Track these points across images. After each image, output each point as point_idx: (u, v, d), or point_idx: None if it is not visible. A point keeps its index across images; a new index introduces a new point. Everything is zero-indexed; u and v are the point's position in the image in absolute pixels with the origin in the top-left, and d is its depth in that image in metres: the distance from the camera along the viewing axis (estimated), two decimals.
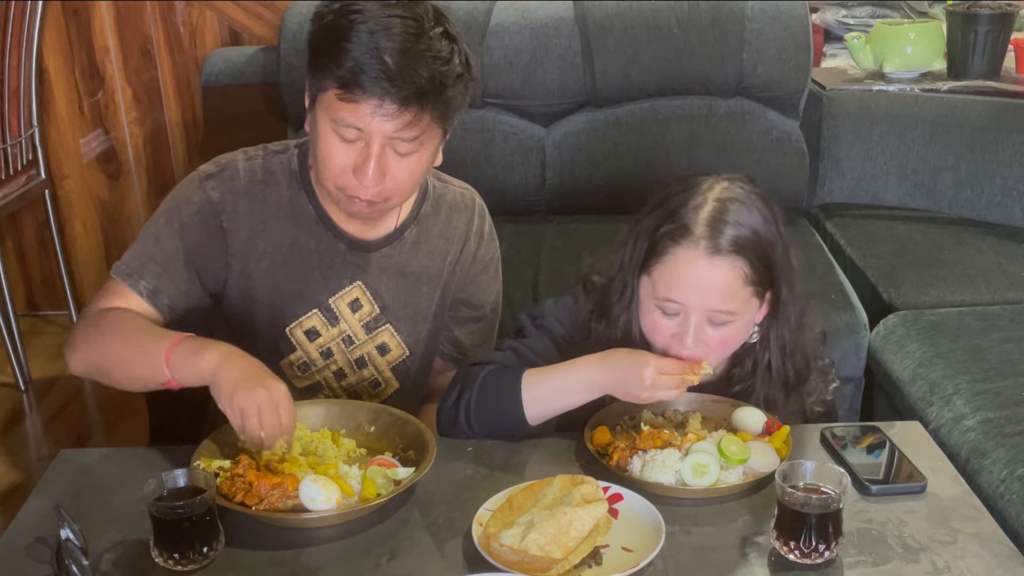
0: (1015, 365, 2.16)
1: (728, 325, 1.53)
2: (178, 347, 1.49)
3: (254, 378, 1.44)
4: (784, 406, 1.64)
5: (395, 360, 1.78)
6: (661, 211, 1.56)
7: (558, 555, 1.28)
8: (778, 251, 1.55)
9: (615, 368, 1.52)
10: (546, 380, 1.55)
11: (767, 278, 1.55)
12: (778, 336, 1.61)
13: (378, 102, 1.48)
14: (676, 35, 2.95)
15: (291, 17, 3.01)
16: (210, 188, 1.65)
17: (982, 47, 3.13)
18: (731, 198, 1.53)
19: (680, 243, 1.51)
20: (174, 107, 3.57)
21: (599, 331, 1.64)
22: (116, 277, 1.65)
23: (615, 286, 1.61)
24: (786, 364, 1.62)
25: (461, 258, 1.79)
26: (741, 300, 1.53)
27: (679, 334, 1.53)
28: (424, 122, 1.51)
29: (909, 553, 1.33)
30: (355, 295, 1.72)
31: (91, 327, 1.61)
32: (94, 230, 3.71)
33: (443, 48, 1.50)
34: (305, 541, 1.36)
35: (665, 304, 1.53)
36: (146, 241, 1.66)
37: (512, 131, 3.03)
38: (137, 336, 1.57)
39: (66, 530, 1.28)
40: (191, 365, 1.48)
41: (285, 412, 1.43)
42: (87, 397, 3.32)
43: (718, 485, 1.44)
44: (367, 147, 1.52)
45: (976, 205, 2.94)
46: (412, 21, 1.48)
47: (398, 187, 1.57)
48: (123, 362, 1.56)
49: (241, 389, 1.42)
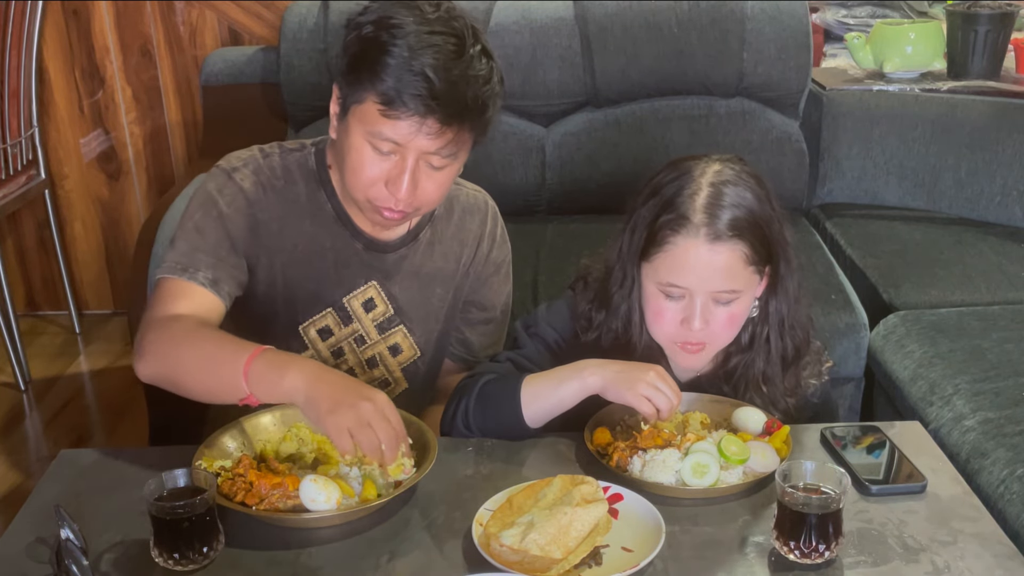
0: (1015, 365, 2.16)
1: (733, 303, 1.56)
2: (256, 361, 1.43)
3: (354, 391, 1.39)
4: (781, 382, 1.65)
5: (406, 361, 1.78)
6: (656, 200, 1.57)
7: (558, 555, 1.28)
8: (774, 227, 1.57)
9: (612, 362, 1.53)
10: (541, 379, 1.56)
11: (766, 255, 1.57)
12: (777, 310, 1.63)
13: (421, 120, 1.48)
14: (676, 35, 2.95)
15: (291, 17, 3.01)
16: (240, 179, 1.63)
17: (982, 47, 3.13)
18: (724, 181, 1.54)
19: (679, 232, 1.53)
20: (174, 107, 3.57)
21: (599, 320, 1.65)
22: (172, 276, 1.58)
23: (615, 275, 1.62)
24: (784, 338, 1.64)
25: (474, 260, 1.79)
26: (744, 279, 1.55)
27: (687, 318, 1.55)
28: (463, 139, 1.53)
29: (909, 553, 1.33)
30: (370, 295, 1.72)
31: (160, 334, 1.52)
32: (94, 230, 3.71)
33: (483, 67, 1.51)
34: (305, 541, 1.36)
35: (669, 288, 1.55)
36: (188, 236, 1.61)
37: (512, 131, 3.03)
38: (213, 348, 1.49)
39: (66, 530, 1.28)
40: (273, 383, 1.41)
41: (395, 419, 1.40)
42: (87, 397, 3.33)
43: (718, 485, 1.44)
44: (402, 160, 1.52)
45: (976, 205, 2.94)
46: (454, 39, 1.48)
47: (428, 199, 1.58)
48: (198, 374, 1.49)
49: (342, 407, 1.37)
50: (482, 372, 1.64)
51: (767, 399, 1.65)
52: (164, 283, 1.59)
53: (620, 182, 3.01)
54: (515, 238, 1.89)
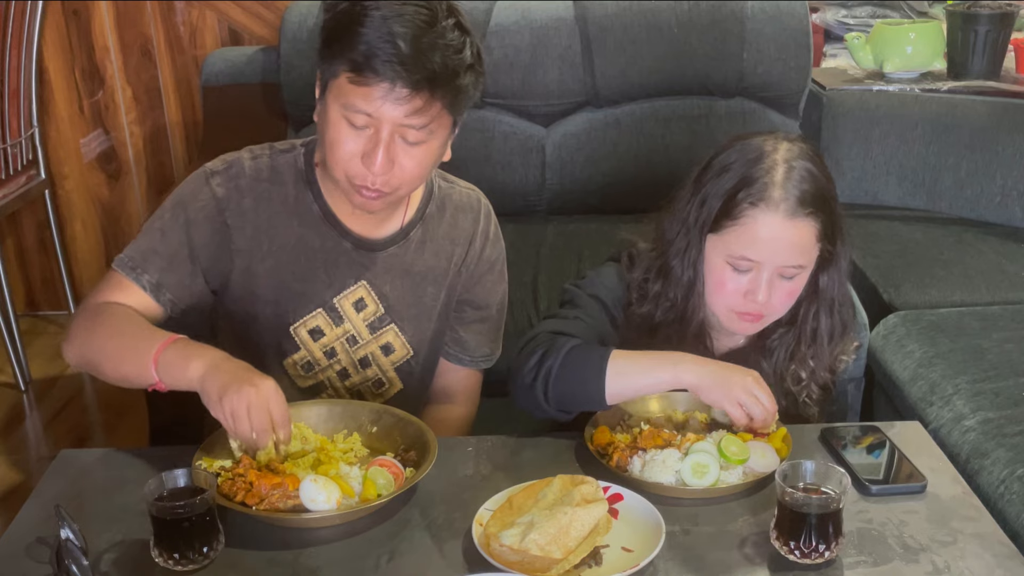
0: (1015, 365, 2.16)
1: (796, 278, 1.61)
2: (167, 350, 1.47)
3: (240, 378, 1.42)
4: (827, 356, 1.70)
5: (399, 360, 1.78)
6: (730, 175, 1.60)
7: (558, 555, 1.28)
8: (837, 204, 1.63)
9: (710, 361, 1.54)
10: (633, 357, 1.57)
11: (832, 232, 1.62)
12: (828, 287, 1.67)
13: (389, 86, 1.48)
14: (676, 35, 2.95)
15: (291, 17, 3.01)
16: (216, 185, 1.65)
17: (982, 47, 3.13)
18: (797, 156, 1.60)
19: (758, 206, 1.56)
20: (174, 107, 3.57)
21: (655, 291, 1.67)
22: (118, 270, 1.63)
23: (676, 245, 1.65)
24: (834, 315, 1.69)
25: (467, 259, 1.78)
26: (811, 255, 1.61)
27: (751, 290, 1.58)
28: (434, 110, 1.52)
29: (909, 553, 1.33)
30: (360, 294, 1.72)
31: (88, 320, 1.59)
32: (94, 230, 3.71)
33: (455, 38, 1.51)
34: (305, 541, 1.36)
35: (739, 262, 1.59)
36: (150, 235, 1.65)
37: (512, 131, 3.03)
38: (129, 334, 1.54)
39: (66, 530, 1.28)
40: (178, 370, 1.46)
41: (276, 408, 1.41)
42: (87, 397, 3.33)
43: (718, 485, 1.44)
44: (376, 134, 1.52)
45: (976, 205, 2.94)
46: (425, 10, 1.50)
47: (406, 177, 1.57)
48: (113, 360, 1.54)
49: (228, 392, 1.40)
50: (560, 332, 1.62)
51: (810, 373, 1.69)
52: (112, 274, 1.64)
53: (620, 182, 3.02)
54: (515, 238, 1.90)
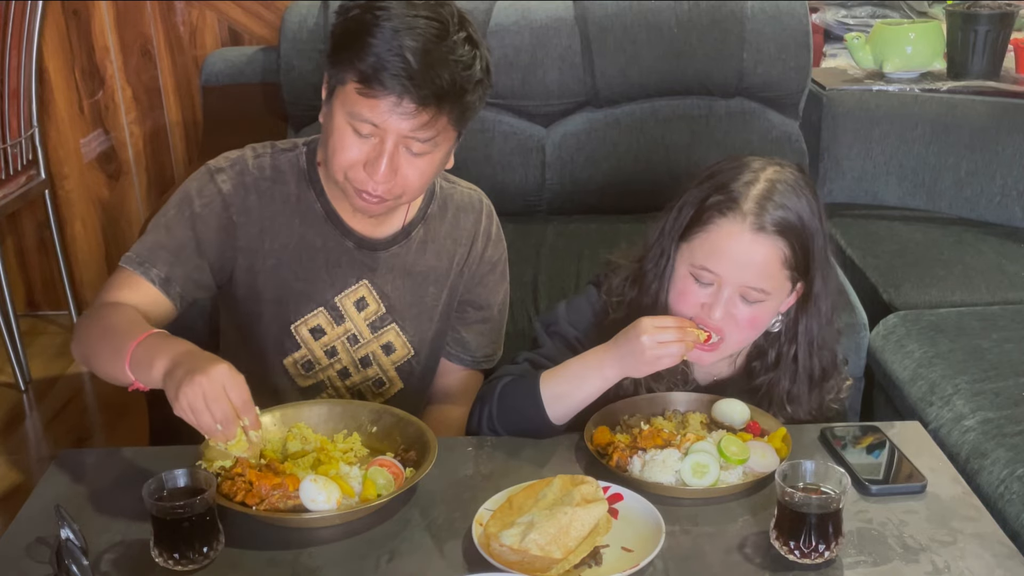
0: (1015, 365, 2.16)
1: (759, 304, 1.55)
2: (138, 348, 1.42)
3: (191, 368, 1.33)
4: (807, 401, 1.65)
5: (400, 360, 1.78)
6: (710, 184, 1.57)
7: (558, 555, 1.28)
8: (818, 243, 1.57)
9: (618, 346, 1.53)
10: (561, 376, 1.57)
11: (804, 266, 1.57)
12: (807, 329, 1.62)
13: (397, 100, 1.48)
14: (676, 35, 2.95)
15: (291, 17, 3.01)
16: (221, 181, 1.65)
17: (982, 47, 3.13)
18: (782, 180, 1.56)
19: (726, 215, 1.53)
20: (174, 107, 3.57)
21: (630, 297, 1.65)
22: (127, 266, 1.61)
23: (652, 252, 1.63)
24: (813, 358, 1.64)
25: (469, 259, 1.79)
26: (776, 281, 1.55)
27: (709, 304, 1.55)
28: (440, 124, 1.52)
29: (909, 553, 1.33)
30: (361, 294, 1.72)
31: (89, 318, 1.58)
32: (94, 230, 3.71)
33: (465, 53, 1.51)
34: (305, 541, 1.36)
35: (700, 272, 1.55)
36: (157, 231, 1.64)
37: (512, 131, 3.03)
38: (115, 332, 1.49)
39: (66, 530, 1.28)
40: (146, 371, 1.40)
41: (234, 392, 1.33)
42: (87, 397, 3.33)
43: (718, 485, 1.44)
44: (381, 143, 1.52)
45: (976, 205, 2.94)
46: (437, 23, 1.49)
47: (408, 186, 1.57)
48: (101, 359, 1.51)
49: (183, 388, 1.32)
50: (501, 376, 1.64)
51: (791, 418, 1.65)
52: (120, 271, 1.62)
53: (620, 182, 3.01)
54: (515, 238, 1.89)
